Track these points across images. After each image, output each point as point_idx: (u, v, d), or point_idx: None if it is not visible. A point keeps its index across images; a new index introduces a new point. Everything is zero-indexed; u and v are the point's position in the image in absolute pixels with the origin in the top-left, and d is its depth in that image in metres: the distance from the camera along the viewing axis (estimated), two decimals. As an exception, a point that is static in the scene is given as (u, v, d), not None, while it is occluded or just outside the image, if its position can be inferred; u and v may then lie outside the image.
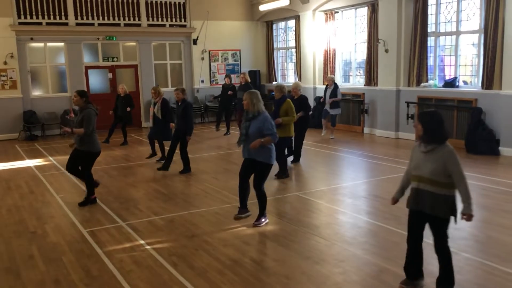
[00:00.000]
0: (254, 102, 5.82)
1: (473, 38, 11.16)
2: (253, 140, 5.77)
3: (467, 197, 3.89)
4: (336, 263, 4.91)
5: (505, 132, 9.95)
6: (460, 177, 3.88)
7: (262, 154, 5.84)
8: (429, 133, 3.92)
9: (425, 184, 3.97)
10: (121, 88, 12.53)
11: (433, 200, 3.94)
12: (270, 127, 5.78)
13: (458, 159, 3.91)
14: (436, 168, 3.89)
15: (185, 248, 5.38)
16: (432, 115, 4.00)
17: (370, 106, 13.54)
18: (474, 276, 4.49)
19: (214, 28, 17.01)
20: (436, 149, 3.91)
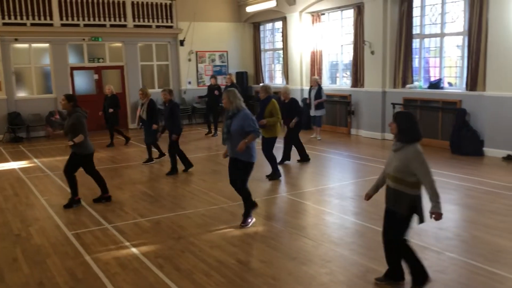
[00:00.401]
0: (232, 99, 5.87)
1: (457, 40, 11.29)
2: (236, 137, 5.81)
3: (434, 196, 3.95)
4: (323, 263, 4.92)
5: (489, 133, 10.08)
6: (425, 177, 3.95)
7: (243, 152, 5.85)
8: (402, 132, 4.05)
9: (390, 181, 4.14)
10: (108, 89, 12.44)
11: (395, 197, 4.09)
12: (251, 124, 5.82)
13: (423, 158, 3.97)
14: (399, 166, 4.02)
15: (171, 250, 5.35)
16: (406, 115, 4.16)
17: (356, 107, 13.62)
18: (459, 276, 4.53)
19: (201, 29, 16.97)
20: (403, 148, 4.03)
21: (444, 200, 7.06)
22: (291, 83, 15.87)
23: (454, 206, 6.93)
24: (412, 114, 4.25)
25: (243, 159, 5.91)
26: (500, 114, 9.78)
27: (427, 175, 3.95)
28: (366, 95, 13.09)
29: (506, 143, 9.72)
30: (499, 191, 7.32)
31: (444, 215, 6.62)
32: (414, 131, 4.06)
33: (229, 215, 6.54)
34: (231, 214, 6.55)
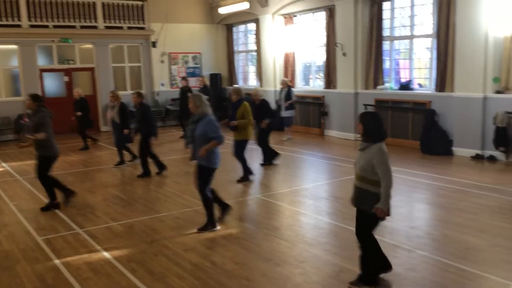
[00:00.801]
0: (198, 104, 5.86)
1: (426, 42, 11.54)
2: (199, 142, 5.81)
3: (385, 194, 4.07)
4: (297, 264, 4.95)
5: (458, 133, 10.33)
6: (384, 175, 4.05)
7: (206, 158, 5.82)
8: (368, 132, 4.16)
9: (357, 180, 4.25)
10: (76, 92, 12.25)
11: (360, 195, 4.21)
12: (215, 130, 5.79)
13: (385, 158, 4.07)
14: (365, 165, 4.13)
15: (144, 254, 5.29)
16: (372, 115, 4.29)
17: (329, 108, 13.76)
18: (430, 274, 4.62)
19: (174, 30, 16.85)
20: (368, 147, 4.15)
21: (415, 200, 7.26)
22: (264, 85, 15.92)
23: (425, 205, 7.07)
24: (377, 114, 4.38)
25: (204, 164, 5.87)
26: (468, 114, 10.04)
27: (386, 175, 4.06)
28: (338, 97, 13.24)
29: (474, 143, 9.99)
30: (469, 190, 7.51)
31: (415, 213, 6.80)
32: (379, 131, 4.17)
33: (203, 217, 6.45)
34: (205, 216, 6.50)
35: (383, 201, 4.06)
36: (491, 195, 7.17)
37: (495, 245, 5.25)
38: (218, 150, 5.97)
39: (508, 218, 6.15)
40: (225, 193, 7.87)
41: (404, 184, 8.11)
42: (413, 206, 7.06)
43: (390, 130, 11.84)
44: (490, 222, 6.03)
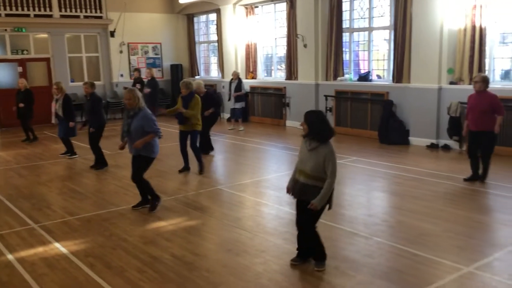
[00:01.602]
0: (133, 99, 6.04)
1: (384, 34, 11.78)
2: (135, 136, 6.03)
3: (325, 191, 4.22)
4: (257, 253, 4.98)
5: (414, 123, 10.63)
6: (331, 175, 4.21)
7: (145, 148, 6.10)
8: (314, 132, 4.21)
9: (307, 179, 4.31)
10: (21, 83, 11.84)
11: (313, 191, 4.27)
12: (151, 125, 6.05)
13: (335, 159, 4.23)
14: (316, 165, 4.22)
15: (102, 248, 5.19)
16: (317, 115, 4.32)
17: (291, 99, 13.86)
18: (385, 259, 4.75)
19: (133, 20, 16.47)
20: (319, 148, 4.22)
21: (373, 188, 7.44)
22: (226, 76, 15.85)
23: (382, 193, 7.26)
24: (322, 112, 4.44)
25: (143, 154, 6.16)
26: (423, 105, 10.34)
27: (334, 175, 4.22)
28: (300, 88, 13.35)
29: (429, 132, 10.31)
30: (423, 178, 7.75)
31: (372, 201, 6.98)
32: (326, 129, 4.23)
33: (163, 209, 6.44)
34: (165, 209, 6.46)
35: (320, 198, 4.21)
36: (445, 183, 7.43)
37: (448, 231, 5.45)
38: (157, 140, 6.26)
39: (461, 205, 6.40)
40: (186, 184, 7.84)
41: (363, 173, 8.29)
42: (371, 194, 7.23)
43: (350, 121, 12.07)
44: (443, 208, 6.25)
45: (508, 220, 5.80)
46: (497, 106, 7.15)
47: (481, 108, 7.15)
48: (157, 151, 6.30)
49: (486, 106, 7.13)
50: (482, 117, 7.17)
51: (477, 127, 7.24)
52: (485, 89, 7.20)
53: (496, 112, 7.14)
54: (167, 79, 17.61)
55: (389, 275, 4.32)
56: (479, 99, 7.23)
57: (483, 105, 7.14)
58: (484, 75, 7.58)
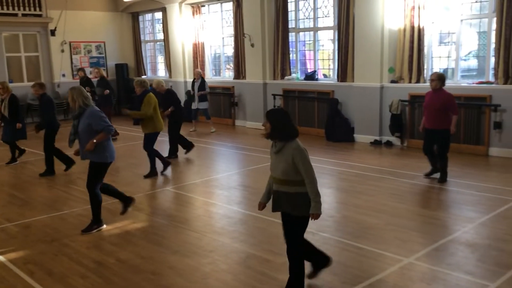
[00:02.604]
0: (75, 98, 5.50)
1: (329, 34, 12.04)
2: (84, 137, 5.49)
3: (314, 195, 3.78)
4: (205, 254, 4.95)
5: (358, 121, 10.94)
6: (307, 174, 3.76)
7: (97, 153, 5.53)
8: (277, 130, 3.82)
9: (280, 185, 3.87)
10: None
11: (291, 200, 3.84)
12: (100, 122, 5.47)
13: (305, 155, 3.78)
14: (286, 167, 3.77)
15: (43, 255, 4.99)
16: (279, 112, 3.97)
17: (239, 99, 13.88)
18: (331, 253, 4.79)
19: (74, 18, 15.91)
20: (284, 148, 3.80)
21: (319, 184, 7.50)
22: (174, 76, 15.67)
23: (328, 190, 7.42)
24: (284, 110, 4.10)
25: (95, 160, 5.56)
26: (367, 103, 10.66)
27: (309, 172, 3.76)
28: (248, 87, 13.40)
29: (373, 129, 10.65)
30: (367, 173, 7.99)
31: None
32: (290, 127, 3.84)
33: (108, 213, 6.26)
34: (110, 212, 6.29)
35: (316, 203, 3.78)
36: (388, 178, 7.69)
37: (391, 224, 5.65)
38: (110, 142, 5.68)
39: (403, 199, 6.64)
40: (133, 186, 7.67)
41: (310, 170, 8.43)
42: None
43: (298, 119, 12.24)
44: (386, 203, 6.47)
45: (445, 212, 6.08)
46: (451, 105, 7.09)
47: (436, 106, 7.10)
48: (111, 155, 5.64)
49: (441, 105, 7.08)
50: (437, 115, 7.12)
51: (432, 125, 7.21)
52: (441, 87, 7.14)
53: (450, 111, 7.11)
54: (112, 79, 17.11)
55: (333, 268, 4.41)
56: (434, 97, 7.16)
57: (438, 104, 7.09)
58: (440, 73, 7.41)
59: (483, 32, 9.50)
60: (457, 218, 5.83)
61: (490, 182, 7.28)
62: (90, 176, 5.64)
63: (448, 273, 4.34)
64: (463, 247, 4.94)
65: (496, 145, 9.02)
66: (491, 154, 9.04)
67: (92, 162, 5.59)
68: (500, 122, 8.87)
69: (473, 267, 4.48)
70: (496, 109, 8.87)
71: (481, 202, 6.38)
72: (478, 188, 6.97)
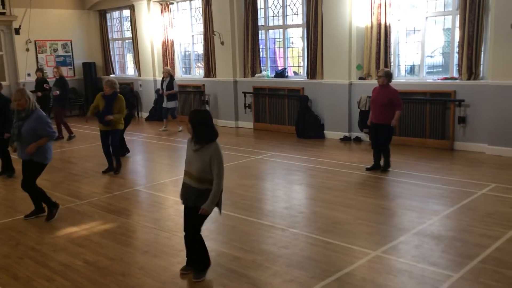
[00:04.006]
0: (26, 99, 5.68)
1: (299, 31, 12.11)
2: (27, 139, 5.67)
3: (214, 195, 4.03)
4: (175, 253, 4.92)
5: (328, 117, 11.06)
6: (218, 175, 4.01)
7: (38, 154, 5.76)
8: (197, 132, 4.01)
9: (192, 181, 4.09)
10: None
11: (198, 195, 4.09)
12: (46, 127, 5.73)
13: (221, 158, 4.04)
14: (202, 166, 4.01)
15: (7, 259, 4.86)
16: (199, 115, 4.11)
17: (210, 97, 13.83)
18: (300, 249, 4.90)
19: (39, 16, 15.49)
20: (203, 148, 4.02)
21: (290, 181, 7.64)
22: (143, 74, 15.49)
23: (298, 186, 7.48)
24: (206, 112, 4.19)
25: (36, 160, 5.79)
26: (336, 100, 10.78)
27: (220, 176, 4.02)
28: (218, 85, 13.35)
29: (342, 126, 10.78)
30: (336, 169, 8.09)
31: (290, 194, 7.15)
32: (209, 130, 4.03)
33: (76, 214, 6.16)
34: (78, 214, 6.18)
35: (210, 202, 4.03)
36: (356, 173, 7.81)
37: (359, 218, 5.74)
38: (50, 145, 5.96)
39: (371, 193, 6.76)
40: (101, 187, 7.55)
41: (281, 167, 8.49)
42: (288, 187, 7.42)
43: (268, 117, 12.29)
44: (355, 197, 6.57)
45: (411, 205, 6.21)
46: (396, 101, 7.53)
47: (382, 102, 7.52)
48: (50, 157, 5.94)
49: (387, 100, 7.48)
50: (383, 110, 7.52)
51: (377, 119, 7.64)
52: (387, 84, 7.60)
53: (394, 106, 7.53)
54: (79, 78, 16.82)
55: (303, 264, 4.46)
56: (381, 93, 7.60)
57: (384, 99, 7.51)
58: (387, 70, 7.93)
59: (447, 29, 9.73)
60: (423, 211, 5.97)
61: (454, 176, 7.48)
62: (26, 175, 5.86)
63: (414, 265, 4.45)
64: (428, 239, 5.06)
65: (460, 139, 9.26)
66: (456, 148, 9.29)
67: (31, 162, 5.78)
68: (464, 117, 9.12)
69: (438, 258, 4.60)
70: (460, 104, 9.11)
71: (445, 195, 6.55)
72: (443, 181, 7.16)
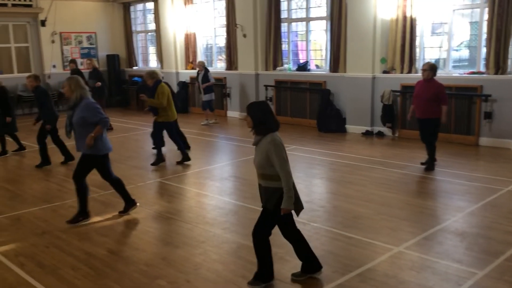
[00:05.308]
0: (73, 88, 5.41)
1: (322, 24, 12.00)
2: (79, 129, 5.42)
3: (286, 189, 3.73)
4: (197, 244, 4.97)
5: (350, 111, 10.97)
6: (280, 168, 3.71)
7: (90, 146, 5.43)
8: (258, 124, 3.81)
9: (258, 178, 3.92)
10: None
11: (265, 194, 3.86)
12: (95, 114, 5.40)
13: (279, 148, 3.74)
14: (261, 161, 3.79)
15: (34, 247, 4.98)
16: (259, 106, 3.90)
17: (231, 90, 13.85)
18: (321, 243, 4.89)
19: (65, 8, 15.75)
20: (261, 141, 3.81)
21: (311, 175, 7.62)
22: (165, 66, 15.59)
23: (320, 180, 7.46)
24: (265, 103, 3.99)
25: (89, 153, 5.49)
26: (358, 94, 10.68)
27: (283, 168, 3.72)
28: (240, 78, 13.36)
29: (364, 120, 10.68)
30: (357, 164, 8.03)
31: (310, 188, 7.13)
32: (269, 121, 3.81)
33: (100, 205, 6.27)
34: (102, 204, 6.30)
35: (287, 198, 3.72)
36: (378, 168, 7.74)
37: (380, 213, 5.69)
38: (105, 135, 5.59)
39: (392, 188, 6.69)
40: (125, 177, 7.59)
41: (302, 161, 8.47)
42: (309, 181, 7.40)
43: (290, 110, 12.26)
44: (376, 192, 6.51)
45: (435, 201, 6.14)
46: (442, 96, 7.16)
47: (427, 96, 7.16)
48: (106, 147, 5.54)
49: (432, 95, 7.13)
50: (428, 105, 7.17)
51: (422, 114, 7.29)
52: (432, 77, 7.23)
53: (440, 101, 7.17)
54: (103, 70, 16.96)
55: (324, 258, 4.45)
56: (426, 87, 7.23)
57: (429, 94, 7.15)
58: (432, 63, 7.49)
59: (474, 23, 9.52)
60: (447, 207, 5.89)
61: (479, 172, 7.35)
62: (79, 167, 5.58)
63: (437, 261, 4.40)
64: (452, 235, 4.99)
65: (486, 135, 9.09)
66: (481, 144, 9.11)
67: (88, 156, 5.52)
68: (491, 112, 8.93)
69: (462, 255, 4.53)
70: (487, 99, 8.92)
71: (470, 191, 6.45)
72: (468, 177, 7.04)
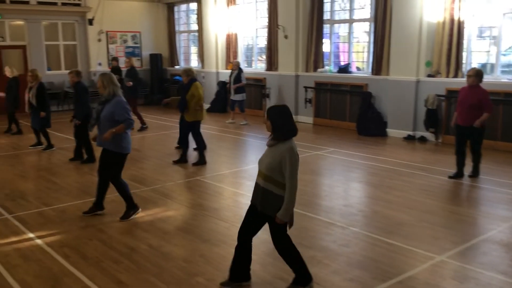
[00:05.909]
0: (106, 84, 5.45)
1: (365, 26, 11.84)
2: (105, 124, 5.43)
3: (287, 201, 3.66)
4: (234, 243, 4.91)
5: (392, 115, 10.76)
6: (290, 178, 3.63)
7: (114, 142, 5.45)
8: (277, 129, 3.71)
9: (260, 178, 3.80)
10: (6, 70, 11.46)
11: (264, 198, 3.76)
12: (123, 113, 5.42)
13: (295, 159, 3.66)
14: (272, 163, 3.68)
15: (78, 239, 5.14)
16: (279, 110, 3.78)
17: (271, 90, 13.86)
18: (360, 248, 4.83)
19: (112, 8, 16.21)
20: (278, 144, 3.72)
21: (350, 179, 7.53)
22: (206, 66, 15.78)
23: (359, 184, 7.35)
24: (286, 108, 3.82)
25: (111, 149, 5.49)
26: (401, 97, 10.47)
27: (292, 178, 3.64)
28: (280, 79, 13.36)
29: (406, 124, 10.45)
30: (398, 169, 7.87)
31: (349, 192, 7.05)
32: (288, 126, 3.71)
33: (140, 200, 6.38)
34: (143, 199, 6.42)
35: (284, 209, 3.67)
36: (420, 174, 7.55)
37: (422, 220, 5.55)
38: (128, 133, 5.62)
39: (435, 195, 6.52)
40: (164, 175, 7.80)
41: (341, 164, 8.37)
42: (347, 185, 7.32)
43: (329, 112, 12.15)
44: (418, 199, 6.36)
45: (479, 210, 5.94)
46: (486, 102, 6.88)
47: (471, 103, 6.88)
48: (127, 147, 5.59)
49: (476, 101, 6.85)
50: (471, 112, 6.89)
51: (466, 122, 6.98)
52: (477, 84, 6.91)
53: (483, 108, 6.89)
54: (146, 69, 17.42)
55: (363, 263, 4.39)
56: (470, 93, 6.94)
57: (473, 100, 6.87)
58: (478, 69, 7.21)
59: (525, 27, 9.16)
60: (491, 216, 5.69)
61: (527, 182, 7.06)
62: (104, 166, 5.62)
63: (481, 272, 4.25)
64: (496, 246, 4.82)
65: (535, 143, 8.72)
66: (530, 152, 8.76)
67: (108, 151, 5.55)
68: (541, 119, 8.57)
69: (507, 266, 4.37)
70: (537, 106, 8.56)
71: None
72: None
